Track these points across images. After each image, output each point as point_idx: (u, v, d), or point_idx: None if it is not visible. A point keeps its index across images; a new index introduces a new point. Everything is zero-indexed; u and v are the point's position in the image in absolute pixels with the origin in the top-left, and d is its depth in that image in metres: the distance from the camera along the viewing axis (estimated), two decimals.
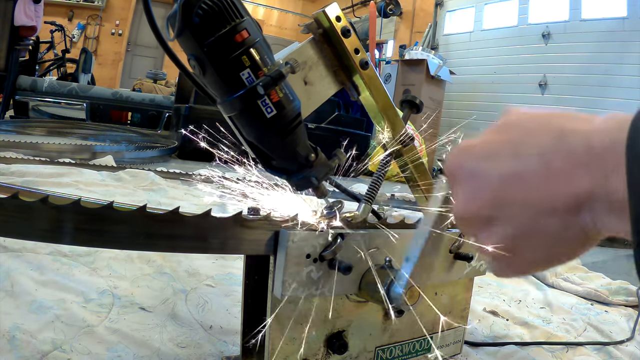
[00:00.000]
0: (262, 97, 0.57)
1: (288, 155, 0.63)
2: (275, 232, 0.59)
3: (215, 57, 0.55)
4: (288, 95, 0.59)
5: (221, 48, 0.55)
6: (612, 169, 0.31)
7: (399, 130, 0.79)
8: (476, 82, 5.97)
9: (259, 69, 0.56)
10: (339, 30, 0.69)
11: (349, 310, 0.67)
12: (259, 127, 0.59)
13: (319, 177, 0.65)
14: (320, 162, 0.65)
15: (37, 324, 0.73)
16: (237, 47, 0.55)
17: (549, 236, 0.35)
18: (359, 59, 0.71)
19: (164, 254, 1.10)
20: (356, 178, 3.96)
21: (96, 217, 0.51)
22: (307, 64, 0.68)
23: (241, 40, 0.55)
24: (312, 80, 0.69)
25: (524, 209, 0.36)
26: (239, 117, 0.60)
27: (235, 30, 0.54)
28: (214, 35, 0.54)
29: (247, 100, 0.57)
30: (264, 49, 0.57)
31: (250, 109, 0.57)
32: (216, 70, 0.56)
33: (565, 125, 0.35)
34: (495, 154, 0.38)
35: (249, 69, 0.56)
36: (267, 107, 0.57)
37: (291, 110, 0.60)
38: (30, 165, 1.98)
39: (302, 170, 0.64)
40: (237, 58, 0.55)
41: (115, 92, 5.36)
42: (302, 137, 0.63)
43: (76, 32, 8.78)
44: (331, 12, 0.69)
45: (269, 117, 0.58)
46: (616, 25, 4.50)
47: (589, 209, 0.33)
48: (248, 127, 0.61)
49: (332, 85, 0.72)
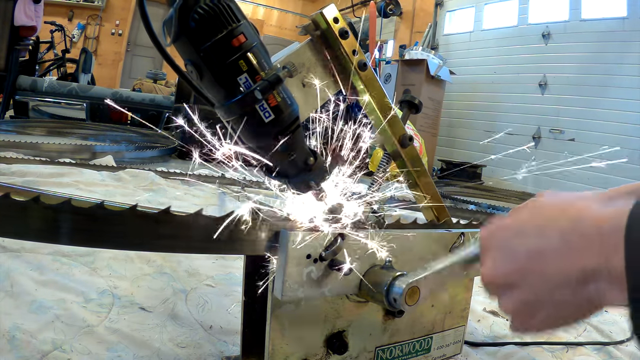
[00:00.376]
0: (260, 101, 0.56)
1: (287, 160, 0.63)
2: (275, 232, 0.59)
3: (212, 62, 0.55)
4: (286, 100, 0.59)
5: (218, 53, 0.54)
6: (614, 249, 0.38)
7: (399, 131, 0.79)
8: (476, 82, 5.96)
9: (256, 74, 0.56)
10: (337, 31, 0.69)
11: (349, 310, 0.67)
12: (257, 132, 0.59)
13: (318, 180, 0.65)
14: (319, 166, 0.65)
15: (37, 324, 0.73)
16: (234, 51, 0.55)
17: (561, 303, 0.43)
18: (357, 60, 0.71)
19: (164, 254, 1.10)
20: None
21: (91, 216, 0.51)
22: (305, 66, 0.68)
23: (238, 44, 0.55)
24: (310, 82, 0.69)
25: (542, 278, 0.43)
26: (237, 122, 0.60)
27: (232, 35, 0.54)
28: (211, 40, 0.54)
29: (244, 105, 0.56)
30: (261, 52, 0.57)
31: (248, 113, 0.57)
32: (213, 75, 0.56)
33: (583, 211, 0.43)
34: (523, 232, 0.46)
35: (246, 73, 0.56)
36: (265, 111, 0.57)
37: (289, 115, 0.59)
38: (30, 165, 1.98)
39: (300, 174, 0.64)
40: (234, 63, 0.55)
41: (115, 92, 5.36)
42: (301, 141, 0.62)
43: (76, 32, 8.77)
44: (329, 14, 0.69)
45: (267, 121, 0.58)
46: (616, 25, 4.50)
47: (595, 281, 0.40)
48: (246, 131, 0.60)
49: (330, 87, 0.72)
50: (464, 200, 2.94)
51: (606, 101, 4.52)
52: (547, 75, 5.10)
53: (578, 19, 4.89)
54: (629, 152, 4.27)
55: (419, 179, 0.82)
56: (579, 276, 0.40)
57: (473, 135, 5.92)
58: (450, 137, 6.18)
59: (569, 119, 4.84)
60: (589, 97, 4.67)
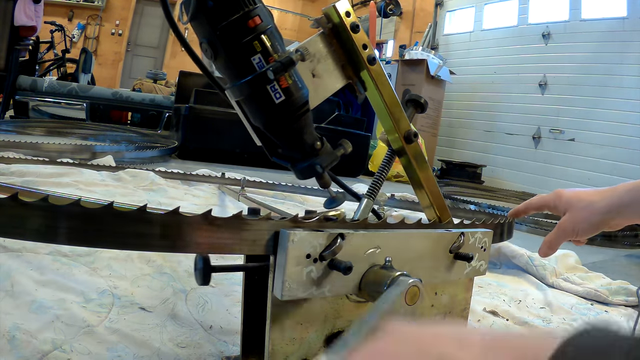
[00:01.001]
0: (272, 82, 0.57)
1: (294, 142, 0.63)
2: (275, 232, 0.59)
3: (228, 41, 0.56)
4: (297, 83, 0.60)
5: (234, 32, 0.56)
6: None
7: (404, 127, 0.79)
8: (476, 82, 5.97)
9: (269, 55, 0.57)
10: (349, 25, 0.70)
11: (349, 310, 0.67)
12: (267, 112, 0.60)
13: (324, 165, 0.65)
14: (326, 151, 0.66)
15: (37, 324, 0.73)
16: (250, 32, 0.56)
17: None
18: (367, 54, 0.72)
19: (164, 254, 1.10)
20: (356, 178, 3.96)
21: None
22: (316, 57, 0.69)
23: (254, 25, 0.56)
24: (320, 73, 0.69)
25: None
26: (247, 102, 0.61)
27: (248, 16, 0.55)
28: (227, 20, 0.55)
29: (256, 84, 0.57)
30: (275, 36, 0.58)
31: (259, 93, 0.58)
32: (227, 55, 0.57)
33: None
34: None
35: (260, 54, 0.57)
36: (275, 92, 0.58)
37: (299, 98, 0.60)
38: (30, 165, 1.98)
39: (307, 158, 0.64)
40: (249, 43, 0.56)
41: (115, 92, 5.36)
42: (309, 125, 0.63)
43: (76, 32, 8.78)
44: (341, 7, 0.69)
45: (278, 102, 0.58)
46: (616, 25, 4.50)
47: None
48: (256, 112, 0.61)
49: (339, 80, 0.72)
50: (464, 200, 2.94)
51: (606, 101, 4.52)
52: (547, 75, 5.11)
53: (578, 19, 4.89)
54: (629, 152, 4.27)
55: (422, 176, 0.82)
56: None
57: (473, 135, 5.92)
58: (450, 137, 6.19)
59: (569, 119, 4.84)
60: (589, 97, 4.67)
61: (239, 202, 1.88)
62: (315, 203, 2.14)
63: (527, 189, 4.75)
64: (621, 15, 4.46)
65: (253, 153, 3.26)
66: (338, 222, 0.61)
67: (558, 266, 1.42)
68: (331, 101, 4.29)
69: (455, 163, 5.36)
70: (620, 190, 0.75)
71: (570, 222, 0.78)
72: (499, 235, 0.83)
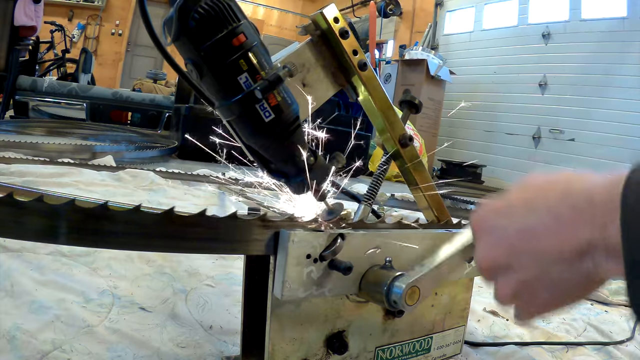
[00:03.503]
0: (260, 101, 0.56)
1: (286, 158, 0.63)
2: (275, 232, 0.59)
3: (212, 61, 0.55)
4: (286, 99, 0.59)
5: (218, 52, 0.54)
6: (609, 219, 0.36)
7: (399, 131, 0.79)
8: (476, 82, 5.96)
9: (256, 73, 0.56)
10: (337, 31, 0.69)
11: (349, 310, 0.67)
12: (258, 131, 0.59)
13: (318, 180, 0.65)
14: (319, 166, 0.65)
15: (37, 324, 0.73)
16: (235, 51, 0.55)
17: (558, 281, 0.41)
18: (357, 60, 0.71)
19: (165, 254, 1.10)
20: (356, 178, 3.96)
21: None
22: (305, 66, 0.68)
23: (238, 44, 0.55)
24: (311, 83, 0.69)
25: (536, 257, 0.41)
26: (237, 122, 0.60)
27: (232, 34, 0.54)
28: (211, 40, 0.54)
29: (245, 104, 0.56)
30: (261, 52, 0.57)
31: (248, 113, 0.57)
32: (213, 75, 0.56)
33: (572, 183, 0.41)
34: (511, 211, 0.44)
35: (246, 73, 0.56)
36: (265, 111, 0.57)
37: (289, 114, 0.59)
38: (30, 165, 1.98)
39: (300, 174, 0.64)
40: (234, 62, 0.55)
41: (115, 92, 5.36)
42: (301, 141, 0.62)
43: (76, 32, 8.77)
44: (329, 14, 0.68)
45: (267, 121, 0.58)
46: (616, 25, 4.50)
47: (591, 255, 0.38)
48: (246, 131, 0.60)
49: (331, 87, 0.72)
50: (464, 200, 2.94)
51: (606, 101, 4.52)
52: (547, 75, 5.10)
53: (578, 19, 4.89)
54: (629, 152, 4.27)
55: (419, 179, 0.82)
56: (573, 251, 0.38)
57: (473, 135, 5.92)
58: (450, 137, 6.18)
59: (569, 119, 4.84)
60: (589, 97, 4.67)
61: (239, 202, 1.88)
62: None
63: None
64: (621, 15, 4.46)
65: None
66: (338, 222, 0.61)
67: None
68: (331, 101, 4.28)
69: (455, 163, 5.36)
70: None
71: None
72: None
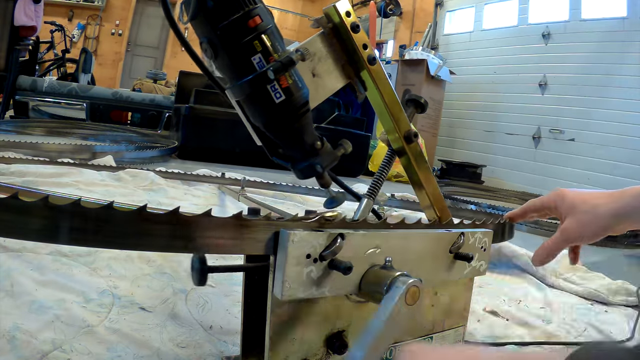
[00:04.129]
0: (272, 82, 0.57)
1: (294, 142, 0.63)
2: (275, 232, 0.59)
3: (228, 40, 0.56)
4: (297, 83, 0.60)
5: (234, 32, 0.56)
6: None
7: (404, 127, 0.79)
8: (476, 82, 5.97)
9: (269, 55, 0.57)
10: (349, 25, 0.70)
11: (349, 310, 0.67)
12: (267, 112, 0.60)
13: (324, 165, 0.65)
14: (326, 151, 0.66)
15: (37, 324, 0.73)
16: (250, 31, 0.56)
17: None
18: (367, 54, 0.72)
19: (165, 254, 1.10)
20: (356, 178, 3.96)
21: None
22: (316, 57, 0.69)
23: (254, 25, 0.56)
24: (320, 73, 0.69)
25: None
26: (247, 102, 0.61)
27: (248, 16, 0.56)
28: (228, 19, 0.55)
29: (256, 84, 0.57)
30: (275, 36, 0.58)
31: (259, 93, 0.58)
32: (228, 54, 0.57)
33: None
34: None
35: (260, 54, 0.57)
36: (276, 92, 0.58)
37: (300, 97, 0.60)
38: (30, 165, 1.98)
39: (307, 158, 0.64)
40: (249, 42, 0.56)
41: (115, 92, 5.36)
42: (309, 125, 0.63)
43: (76, 32, 8.77)
44: (341, 7, 0.69)
45: (278, 102, 0.59)
46: (616, 25, 4.50)
47: None
48: (256, 112, 0.61)
49: (340, 79, 0.72)
50: (464, 200, 2.94)
51: (606, 101, 4.52)
52: (547, 75, 5.11)
53: (578, 19, 4.89)
54: (629, 152, 4.27)
55: (422, 176, 0.82)
56: None
57: (473, 135, 5.92)
58: (450, 137, 6.19)
59: (569, 119, 4.84)
60: (589, 97, 4.67)
61: (239, 202, 1.88)
62: (315, 203, 2.14)
63: (527, 189, 4.74)
64: (621, 15, 4.46)
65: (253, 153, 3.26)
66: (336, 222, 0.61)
67: (558, 266, 1.42)
68: (331, 101, 4.29)
69: (455, 163, 5.36)
70: (628, 194, 0.71)
71: (576, 226, 0.73)
72: (499, 235, 0.83)
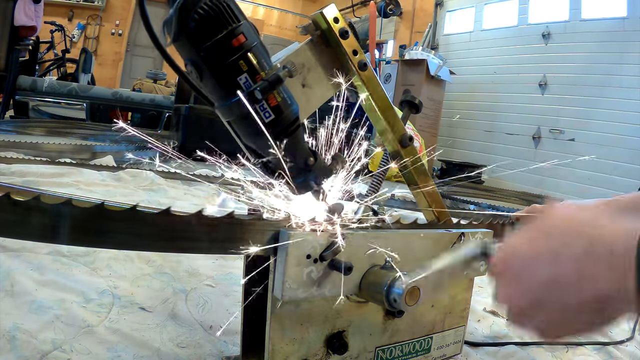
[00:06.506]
0: (260, 101, 0.56)
1: (287, 159, 0.63)
2: (275, 232, 0.59)
3: (212, 61, 0.55)
4: (286, 100, 0.59)
5: (218, 53, 0.54)
6: (627, 271, 0.39)
7: (399, 131, 0.79)
8: (476, 82, 5.96)
9: (256, 73, 0.56)
10: (337, 31, 0.69)
11: (349, 310, 0.67)
12: (257, 132, 0.59)
13: (319, 181, 0.65)
14: (320, 166, 0.65)
15: (37, 324, 0.73)
16: (234, 51, 0.55)
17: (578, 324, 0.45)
18: (358, 60, 0.71)
19: (165, 254, 1.10)
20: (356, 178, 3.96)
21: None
22: (305, 66, 0.68)
23: (238, 44, 0.55)
24: (311, 83, 0.69)
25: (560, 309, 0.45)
26: (237, 122, 0.60)
27: (232, 35, 0.54)
28: (211, 40, 0.54)
29: (244, 105, 0.56)
30: (261, 52, 0.57)
31: (247, 113, 0.57)
32: (213, 75, 0.56)
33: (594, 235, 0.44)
34: (536, 260, 0.47)
35: (246, 73, 0.55)
36: (265, 111, 0.57)
37: (289, 115, 0.59)
38: (30, 165, 1.98)
39: (301, 174, 0.64)
40: (234, 63, 0.55)
41: (115, 92, 5.36)
42: (301, 141, 0.62)
43: (76, 32, 8.77)
44: (329, 14, 0.68)
45: (267, 121, 0.58)
46: (616, 25, 4.49)
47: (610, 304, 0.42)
48: (246, 131, 0.60)
49: (330, 88, 0.72)
50: (464, 200, 2.94)
51: (606, 101, 4.52)
52: (547, 75, 5.10)
53: (578, 19, 4.88)
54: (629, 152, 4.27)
55: (419, 179, 0.82)
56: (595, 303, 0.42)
57: (473, 135, 5.92)
58: (450, 137, 6.18)
59: (569, 119, 4.84)
60: (589, 97, 4.67)
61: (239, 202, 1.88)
62: None
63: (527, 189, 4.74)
64: (621, 15, 4.46)
65: None
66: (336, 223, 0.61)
67: None
68: None
69: (455, 163, 5.36)
70: (614, 205, 0.65)
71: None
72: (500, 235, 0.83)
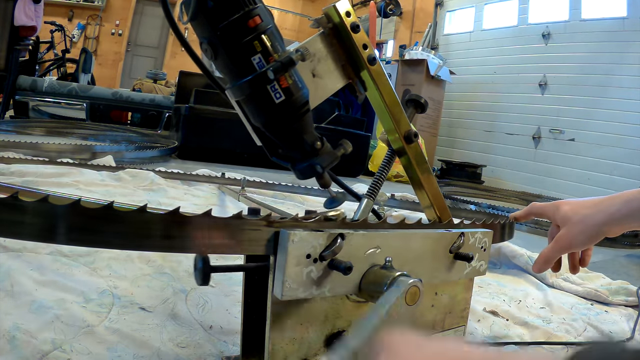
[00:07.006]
0: (272, 82, 0.57)
1: (294, 142, 0.63)
2: (275, 232, 0.59)
3: (228, 41, 0.56)
4: (297, 83, 0.60)
5: (234, 32, 0.56)
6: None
7: (405, 127, 0.79)
8: (476, 82, 5.97)
9: (269, 55, 0.57)
10: (349, 25, 0.70)
11: (349, 310, 0.67)
12: (267, 112, 0.60)
13: (324, 165, 0.65)
14: (326, 151, 0.66)
15: (37, 324, 0.73)
16: (250, 32, 0.56)
17: None
18: (367, 54, 0.72)
19: (164, 254, 1.10)
20: (356, 178, 3.96)
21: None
22: (316, 57, 0.69)
23: (254, 25, 0.56)
24: (320, 73, 0.69)
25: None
26: (247, 102, 0.61)
27: (248, 16, 0.56)
28: (228, 20, 0.55)
29: (256, 84, 0.58)
30: (275, 36, 0.59)
31: (259, 93, 0.58)
32: (228, 54, 0.57)
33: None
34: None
35: (260, 54, 0.57)
36: (276, 92, 0.58)
37: (299, 97, 0.60)
38: (30, 165, 1.98)
39: (307, 158, 0.64)
40: (249, 43, 0.56)
41: (115, 92, 5.36)
42: (309, 125, 0.63)
43: (76, 32, 8.77)
44: (341, 7, 0.69)
45: (278, 102, 0.59)
46: (616, 25, 4.50)
47: None
48: (256, 112, 0.61)
49: (339, 80, 0.72)
50: (464, 200, 2.94)
51: (606, 101, 4.52)
52: (547, 75, 5.11)
53: (578, 19, 4.89)
54: (629, 152, 4.27)
55: (422, 177, 0.82)
56: None
57: (473, 135, 5.92)
58: (450, 137, 6.19)
59: (569, 119, 4.85)
60: (589, 97, 4.67)
61: (239, 202, 1.88)
62: (315, 203, 2.14)
63: (527, 189, 4.74)
64: (621, 15, 4.46)
65: (253, 153, 3.26)
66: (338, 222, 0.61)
67: None
68: (331, 101, 4.29)
69: (455, 163, 5.36)
70: (618, 200, 0.75)
71: (566, 236, 0.79)
72: (499, 235, 0.83)
